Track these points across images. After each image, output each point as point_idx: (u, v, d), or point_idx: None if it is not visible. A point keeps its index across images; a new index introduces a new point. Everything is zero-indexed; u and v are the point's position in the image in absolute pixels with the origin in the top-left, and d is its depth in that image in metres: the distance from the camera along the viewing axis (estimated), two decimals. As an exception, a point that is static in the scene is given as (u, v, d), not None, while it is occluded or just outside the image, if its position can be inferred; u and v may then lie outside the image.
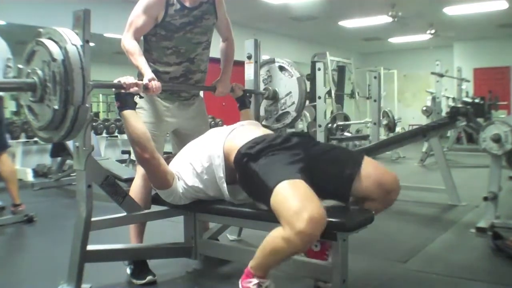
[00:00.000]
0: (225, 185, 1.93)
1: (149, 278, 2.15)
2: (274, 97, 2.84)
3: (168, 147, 2.52)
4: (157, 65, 2.33)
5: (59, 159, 5.31)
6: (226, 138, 1.96)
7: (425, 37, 10.45)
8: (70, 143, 4.05)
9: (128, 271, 2.22)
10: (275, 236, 1.59)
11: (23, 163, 5.90)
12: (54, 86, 1.58)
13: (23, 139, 5.87)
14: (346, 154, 1.96)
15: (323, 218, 1.55)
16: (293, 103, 2.78)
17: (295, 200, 1.56)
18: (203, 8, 2.33)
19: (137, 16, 2.23)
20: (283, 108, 2.83)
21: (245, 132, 2.01)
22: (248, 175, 1.80)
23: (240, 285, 1.70)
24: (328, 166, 1.87)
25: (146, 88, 2.09)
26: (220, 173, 1.93)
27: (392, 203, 1.91)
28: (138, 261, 2.22)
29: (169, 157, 2.27)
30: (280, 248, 1.58)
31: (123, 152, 6.33)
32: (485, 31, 10.49)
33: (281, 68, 2.82)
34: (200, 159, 1.99)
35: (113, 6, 6.18)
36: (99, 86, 2.54)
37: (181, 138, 2.48)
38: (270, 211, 1.69)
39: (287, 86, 2.80)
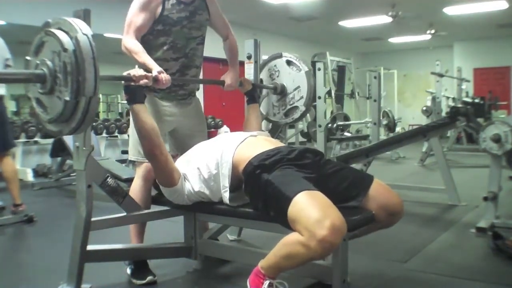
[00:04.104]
0: (227, 194, 1.93)
1: (149, 278, 2.16)
2: (282, 92, 2.81)
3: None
4: None
5: (59, 159, 5.30)
6: (236, 148, 1.96)
7: (425, 37, 10.45)
8: (70, 143, 4.05)
9: (128, 271, 2.22)
10: (293, 241, 1.58)
11: (23, 163, 5.89)
12: (65, 76, 1.55)
13: (23, 139, 5.86)
14: (355, 175, 1.96)
15: (344, 227, 1.55)
16: (302, 97, 2.75)
17: (316, 209, 1.56)
18: (196, 3, 2.35)
19: (135, 15, 2.22)
20: (291, 102, 2.80)
21: (256, 144, 2.00)
22: (260, 186, 1.79)
23: (248, 285, 1.70)
24: (337, 185, 1.89)
25: (156, 80, 2.07)
26: (226, 182, 1.93)
27: (393, 225, 1.94)
28: (139, 261, 2.22)
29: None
30: (298, 254, 1.57)
31: (123, 152, 6.34)
32: (485, 31, 10.50)
33: (289, 63, 2.80)
34: (208, 165, 1.99)
35: (113, 6, 6.17)
36: (107, 79, 2.52)
37: (179, 138, 2.48)
38: (277, 220, 1.71)
39: (295, 80, 2.77)
